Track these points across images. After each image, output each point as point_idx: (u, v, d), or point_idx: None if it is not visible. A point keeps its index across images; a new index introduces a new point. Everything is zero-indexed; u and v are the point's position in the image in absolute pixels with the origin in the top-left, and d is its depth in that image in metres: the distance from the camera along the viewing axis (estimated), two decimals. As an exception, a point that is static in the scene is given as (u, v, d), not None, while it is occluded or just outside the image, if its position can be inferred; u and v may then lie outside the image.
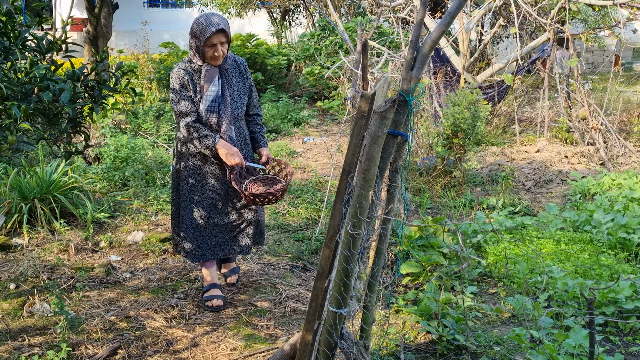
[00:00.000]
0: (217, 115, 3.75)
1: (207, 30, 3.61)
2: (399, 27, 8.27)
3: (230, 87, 3.83)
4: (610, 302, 3.84)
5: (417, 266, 4.20)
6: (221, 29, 3.63)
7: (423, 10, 2.24)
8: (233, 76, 3.87)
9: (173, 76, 3.73)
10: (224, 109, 3.77)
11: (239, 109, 3.87)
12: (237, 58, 3.94)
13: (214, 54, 3.69)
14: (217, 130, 3.78)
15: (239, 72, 3.92)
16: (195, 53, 3.72)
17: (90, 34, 10.72)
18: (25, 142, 3.02)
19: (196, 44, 3.68)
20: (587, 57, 17.27)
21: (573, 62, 7.85)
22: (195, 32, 3.65)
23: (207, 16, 3.68)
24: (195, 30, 3.65)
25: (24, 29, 3.16)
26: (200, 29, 3.63)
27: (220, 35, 3.65)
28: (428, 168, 6.87)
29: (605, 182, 6.44)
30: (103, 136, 8.08)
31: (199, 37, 3.64)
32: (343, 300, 2.26)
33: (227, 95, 3.79)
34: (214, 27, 3.61)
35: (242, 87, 3.90)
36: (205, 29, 3.62)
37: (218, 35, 3.64)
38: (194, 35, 3.67)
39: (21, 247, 4.83)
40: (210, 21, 3.63)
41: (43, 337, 3.52)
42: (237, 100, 3.85)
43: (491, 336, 3.56)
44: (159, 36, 17.37)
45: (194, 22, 3.69)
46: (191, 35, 3.69)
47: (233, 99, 3.83)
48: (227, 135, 3.78)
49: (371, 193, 2.19)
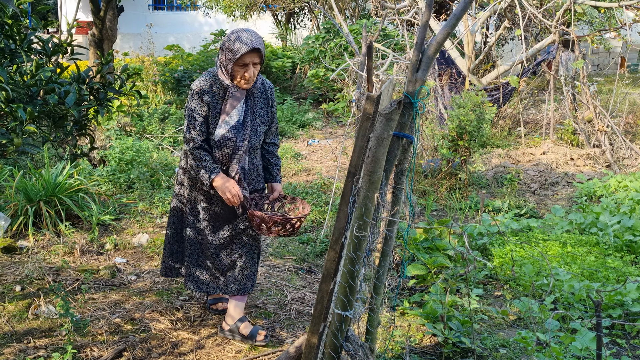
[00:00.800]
0: (233, 144, 3.40)
1: (241, 47, 3.25)
2: (403, 30, 8.27)
3: (252, 114, 3.48)
4: (617, 305, 3.82)
5: (422, 268, 4.19)
6: (256, 48, 3.28)
7: (428, 12, 2.24)
8: (258, 101, 3.52)
9: (194, 88, 3.38)
10: (242, 137, 3.41)
11: (257, 138, 3.51)
12: (265, 82, 3.59)
13: (245, 75, 3.33)
14: (229, 159, 3.43)
15: (265, 98, 3.56)
16: (224, 71, 3.37)
17: (95, 37, 10.76)
18: (30, 145, 3.02)
19: (226, 61, 3.33)
20: (593, 59, 17.23)
21: (578, 64, 7.83)
22: (227, 48, 3.30)
23: (241, 32, 3.32)
24: (228, 46, 3.30)
25: (30, 32, 3.17)
26: (233, 45, 3.28)
27: (255, 54, 3.30)
28: (433, 170, 6.86)
29: (612, 185, 6.41)
30: (108, 139, 8.09)
31: (230, 54, 3.29)
32: (349, 303, 2.26)
33: (249, 124, 3.43)
34: (248, 45, 3.26)
35: (264, 115, 3.55)
36: (238, 46, 3.26)
37: (252, 55, 3.29)
38: (225, 51, 3.32)
39: (27, 250, 4.84)
40: (244, 38, 3.28)
41: (48, 340, 3.52)
42: (257, 128, 3.49)
43: (497, 339, 3.55)
44: (163, 39, 17.42)
45: (226, 36, 3.36)
46: (222, 50, 3.35)
47: (253, 127, 3.47)
48: (239, 166, 3.43)
49: (376, 195, 2.18)
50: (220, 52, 3.37)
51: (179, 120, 9.46)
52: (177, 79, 11.23)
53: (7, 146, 3.04)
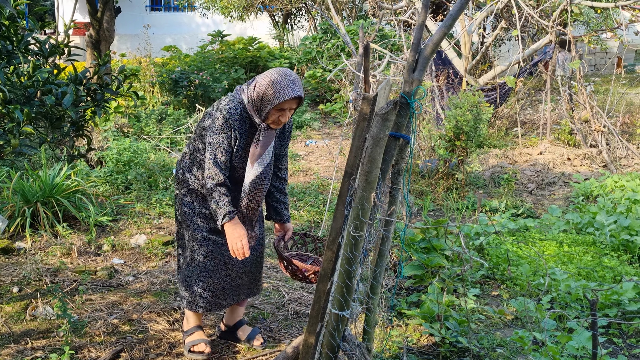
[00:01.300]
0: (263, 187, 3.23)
1: (286, 94, 3.03)
2: (400, 30, 8.29)
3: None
4: (613, 304, 3.83)
5: (419, 268, 4.20)
6: (300, 96, 3.08)
7: (424, 12, 2.24)
8: (276, 137, 3.33)
9: (223, 121, 3.10)
10: (268, 179, 3.25)
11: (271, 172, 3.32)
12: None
13: (280, 120, 3.12)
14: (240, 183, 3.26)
15: (283, 132, 3.36)
16: (256, 109, 3.12)
17: (92, 38, 10.76)
18: (28, 146, 3.03)
19: (261, 102, 3.08)
20: (589, 59, 17.26)
21: (575, 64, 7.85)
22: (270, 92, 3.04)
23: (287, 76, 3.07)
24: (270, 91, 3.04)
25: (27, 33, 3.17)
26: (278, 89, 3.03)
27: (295, 101, 3.10)
28: (430, 170, 6.87)
29: (608, 184, 6.43)
30: (105, 140, 8.09)
31: (271, 97, 3.04)
32: (345, 303, 2.26)
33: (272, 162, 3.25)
34: (294, 92, 3.04)
35: (278, 147, 3.35)
36: (284, 91, 3.02)
37: (293, 102, 3.09)
38: (262, 91, 3.06)
39: (24, 251, 4.84)
40: (291, 83, 3.04)
41: (46, 341, 3.52)
42: (272, 163, 3.30)
43: (494, 338, 3.55)
44: (161, 40, 17.41)
45: (269, 76, 3.08)
46: (260, 88, 3.07)
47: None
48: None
49: (373, 195, 2.19)
50: (258, 89, 3.08)
51: (176, 121, 9.45)
52: (174, 79, 11.23)
53: (4, 147, 3.05)
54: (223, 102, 3.18)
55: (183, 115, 9.90)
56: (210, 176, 3.10)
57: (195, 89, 11.11)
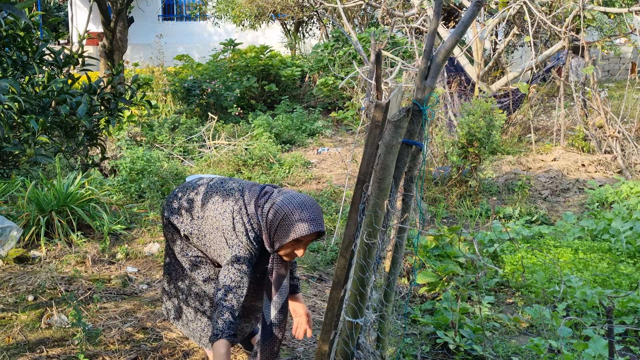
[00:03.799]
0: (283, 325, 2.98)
1: (307, 228, 2.66)
2: (412, 37, 8.28)
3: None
4: (630, 311, 3.79)
5: (433, 276, 4.18)
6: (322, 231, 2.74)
7: (436, 19, 2.24)
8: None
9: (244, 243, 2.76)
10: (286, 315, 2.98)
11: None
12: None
13: (294, 253, 2.78)
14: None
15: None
16: (268, 238, 2.78)
17: (106, 48, 10.86)
18: (43, 155, 3.05)
19: (277, 233, 2.72)
20: (603, 65, 17.16)
21: (589, 70, 7.81)
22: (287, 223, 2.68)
23: (309, 206, 2.71)
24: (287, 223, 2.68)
25: (42, 44, 3.20)
26: (297, 222, 2.66)
27: (314, 235, 2.75)
28: (443, 177, 6.85)
29: (624, 190, 6.37)
30: (119, 148, 8.14)
31: (288, 230, 2.68)
32: (359, 310, 2.25)
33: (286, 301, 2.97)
34: (316, 227, 2.68)
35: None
36: (304, 225, 2.66)
37: (312, 236, 2.74)
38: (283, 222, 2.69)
39: (39, 259, 4.87)
40: (313, 215, 2.69)
41: (61, 349, 3.54)
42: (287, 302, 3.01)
43: (509, 346, 3.53)
44: (173, 49, 17.53)
45: (288, 205, 2.71)
46: (277, 217, 2.71)
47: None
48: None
49: (386, 202, 2.19)
50: (269, 214, 2.73)
51: (189, 130, 9.50)
52: (187, 88, 11.29)
53: (19, 157, 3.07)
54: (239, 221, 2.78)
55: (195, 124, 9.95)
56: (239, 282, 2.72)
57: (208, 97, 11.16)
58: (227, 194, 2.89)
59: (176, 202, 3.05)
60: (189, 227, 2.97)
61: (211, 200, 2.90)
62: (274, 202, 2.76)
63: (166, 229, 3.12)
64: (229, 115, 11.24)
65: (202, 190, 2.98)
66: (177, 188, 3.13)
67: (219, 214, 2.84)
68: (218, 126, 10.03)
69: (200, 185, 3.04)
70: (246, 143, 8.78)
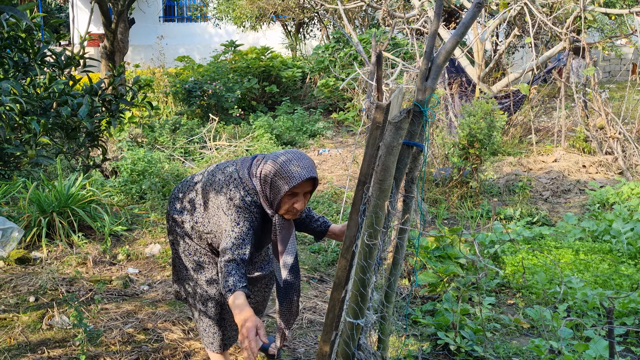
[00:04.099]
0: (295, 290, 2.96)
1: (298, 175, 2.66)
2: (413, 38, 8.29)
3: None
4: (630, 312, 3.79)
5: (434, 277, 4.18)
6: (314, 177, 2.72)
7: (437, 21, 2.25)
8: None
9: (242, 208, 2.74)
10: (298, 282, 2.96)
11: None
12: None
13: (294, 207, 2.74)
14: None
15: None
16: (265, 200, 2.76)
17: (107, 49, 10.87)
18: (44, 156, 3.06)
19: (273, 190, 2.71)
20: (604, 66, 17.16)
21: (589, 71, 7.81)
22: (279, 176, 2.68)
23: (297, 156, 2.73)
24: (279, 176, 2.68)
25: (43, 45, 3.21)
26: (288, 173, 2.67)
27: (309, 183, 2.74)
28: (444, 178, 6.85)
29: (624, 192, 6.37)
30: (120, 150, 8.15)
31: (281, 183, 2.68)
32: (360, 311, 2.26)
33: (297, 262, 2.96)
34: (307, 173, 2.67)
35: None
36: (293, 174, 2.66)
37: (307, 184, 2.73)
38: (275, 176, 2.69)
39: (40, 260, 4.87)
40: (302, 164, 2.69)
41: (62, 350, 3.54)
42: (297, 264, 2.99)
43: (510, 347, 3.53)
44: (174, 50, 17.55)
45: (276, 160, 2.72)
46: (268, 174, 2.71)
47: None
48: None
49: (387, 203, 2.19)
50: (266, 177, 2.72)
51: (190, 131, 9.51)
52: (187, 89, 11.30)
53: (21, 158, 3.08)
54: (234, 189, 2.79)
55: (196, 125, 9.96)
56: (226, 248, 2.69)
57: (209, 98, 11.17)
58: (223, 175, 2.90)
59: (177, 199, 3.07)
60: (193, 218, 2.98)
61: (209, 185, 2.92)
62: (265, 163, 2.77)
63: (169, 231, 3.13)
64: (229, 117, 11.25)
65: (200, 179, 3.02)
66: (176, 187, 3.14)
67: (216, 193, 2.86)
68: (219, 127, 10.04)
69: (198, 174, 3.07)
70: (247, 144, 8.79)
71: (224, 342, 3.16)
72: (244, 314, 2.43)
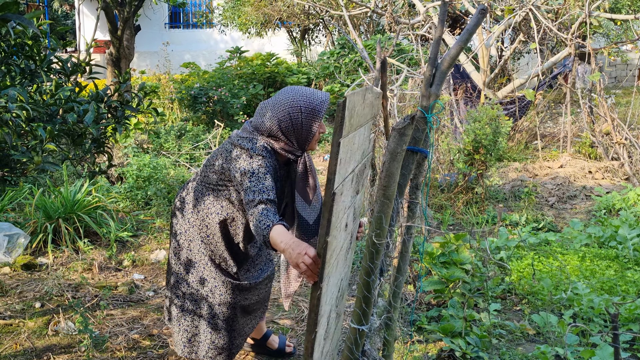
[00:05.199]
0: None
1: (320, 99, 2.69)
2: (418, 45, 8.29)
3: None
4: (637, 319, 3.77)
5: (439, 283, 4.17)
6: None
7: (441, 27, 2.25)
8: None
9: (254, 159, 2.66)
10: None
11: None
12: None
13: (318, 135, 2.77)
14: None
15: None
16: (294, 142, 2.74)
17: (113, 56, 10.92)
18: (50, 163, 3.07)
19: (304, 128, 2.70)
20: (610, 72, 17.13)
21: (595, 76, 7.80)
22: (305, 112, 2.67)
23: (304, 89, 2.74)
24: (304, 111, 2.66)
25: (49, 52, 3.23)
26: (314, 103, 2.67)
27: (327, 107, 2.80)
28: (449, 184, 6.84)
29: (631, 197, 6.35)
30: (126, 156, 8.17)
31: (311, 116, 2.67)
32: (364, 316, 2.25)
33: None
34: (322, 95, 2.73)
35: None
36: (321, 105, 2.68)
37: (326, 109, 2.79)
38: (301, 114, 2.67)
39: (46, 266, 4.89)
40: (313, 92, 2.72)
41: (68, 355, 3.55)
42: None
43: (516, 354, 3.51)
44: (180, 56, 17.61)
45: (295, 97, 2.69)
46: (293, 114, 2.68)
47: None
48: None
49: (391, 209, 2.19)
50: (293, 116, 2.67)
51: (196, 137, 9.53)
52: (193, 96, 11.33)
53: (27, 164, 3.09)
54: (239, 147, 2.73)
55: (202, 131, 9.98)
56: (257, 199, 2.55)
57: (214, 105, 11.20)
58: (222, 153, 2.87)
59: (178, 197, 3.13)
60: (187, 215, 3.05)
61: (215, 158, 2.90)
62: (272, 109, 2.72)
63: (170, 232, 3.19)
64: (235, 123, 11.27)
65: (194, 177, 3.09)
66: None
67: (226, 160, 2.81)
68: (224, 133, 10.06)
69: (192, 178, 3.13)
70: (252, 150, 8.77)
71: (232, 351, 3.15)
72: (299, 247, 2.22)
